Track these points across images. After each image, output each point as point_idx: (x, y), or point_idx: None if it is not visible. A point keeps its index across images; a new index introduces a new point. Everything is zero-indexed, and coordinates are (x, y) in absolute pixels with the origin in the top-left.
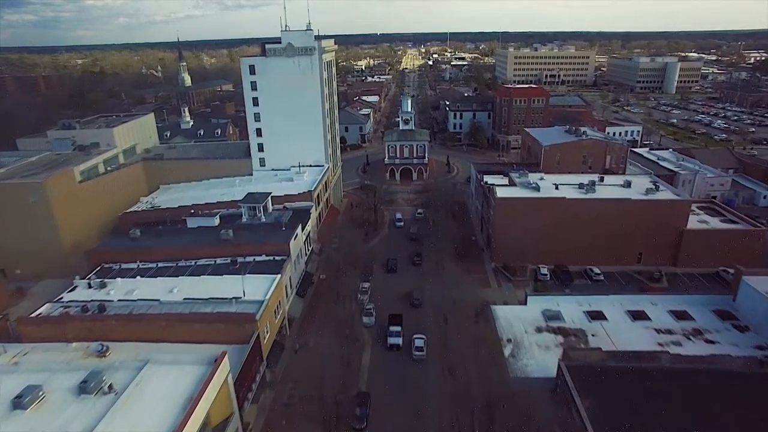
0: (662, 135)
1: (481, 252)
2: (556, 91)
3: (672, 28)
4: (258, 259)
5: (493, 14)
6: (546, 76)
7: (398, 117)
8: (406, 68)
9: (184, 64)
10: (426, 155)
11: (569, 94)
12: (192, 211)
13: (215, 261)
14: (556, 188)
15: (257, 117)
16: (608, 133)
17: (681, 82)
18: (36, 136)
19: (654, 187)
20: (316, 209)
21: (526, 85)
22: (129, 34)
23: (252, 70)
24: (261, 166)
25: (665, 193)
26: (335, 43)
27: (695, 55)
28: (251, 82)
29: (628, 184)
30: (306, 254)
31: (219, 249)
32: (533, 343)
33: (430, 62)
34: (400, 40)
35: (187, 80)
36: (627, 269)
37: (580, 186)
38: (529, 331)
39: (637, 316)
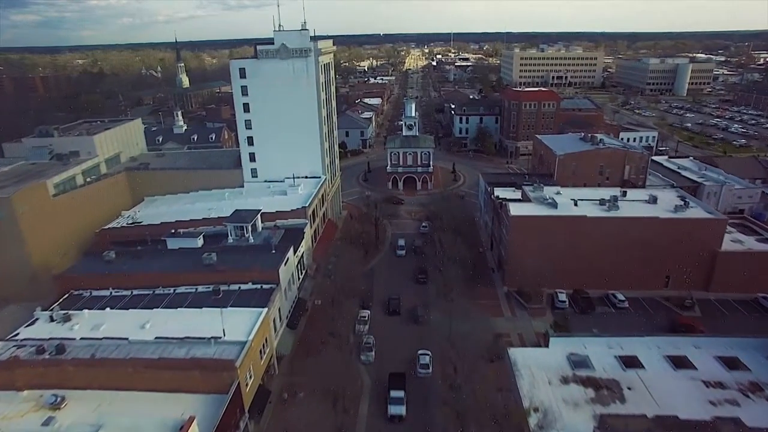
0: (679, 141)
1: (491, 273)
2: (564, 93)
3: (675, 28)
4: (244, 287)
5: (497, 14)
6: (553, 77)
7: (401, 120)
8: (410, 69)
9: (182, 64)
10: (431, 163)
11: (578, 97)
12: (173, 230)
13: (196, 289)
14: (575, 204)
15: (248, 124)
16: (622, 138)
17: (692, 83)
18: (21, 141)
19: (683, 203)
20: (311, 227)
21: (536, 88)
22: (132, 35)
23: (242, 73)
24: (253, 177)
25: (696, 211)
26: (335, 44)
27: (704, 56)
28: (242, 86)
29: (653, 200)
30: (299, 278)
31: (201, 275)
32: (560, 399)
33: (434, 63)
34: (403, 41)
35: (185, 81)
36: (653, 294)
37: (602, 202)
38: (554, 381)
39: (679, 363)
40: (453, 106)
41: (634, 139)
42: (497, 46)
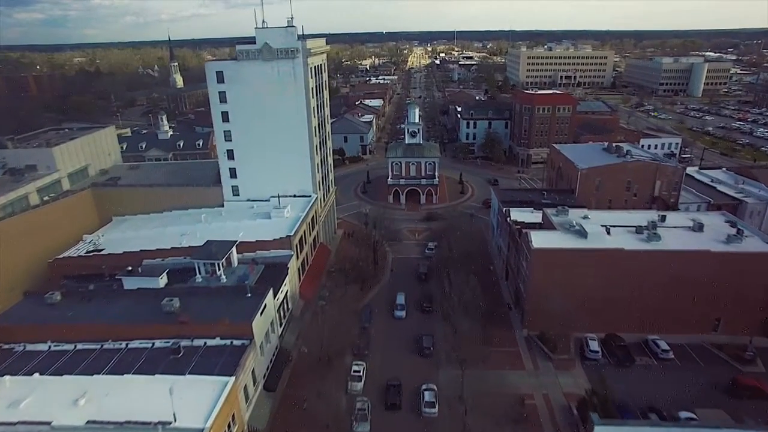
0: (705, 148)
1: (507, 311)
2: (574, 94)
3: (680, 27)
4: (210, 342)
5: (500, 12)
6: (561, 77)
7: (403, 124)
8: (413, 68)
9: (176, 64)
10: (436, 174)
11: (589, 98)
12: (130, 268)
13: (153, 344)
14: (607, 233)
15: (228, 135)
16: (642, 146)
17: (708, 84)
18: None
19: (735, 231)
20: (297, 257)
21: (550, 91)
22: (135, 33)
23: (220, 77)
24: (234, 195)
25: (754, 242)
26: (337, 42)
27: (714, 54)
28: (219, 92)
29: (699, 227)
30: (281, 324)
31: (159, 327)
32: None
33: (437, 61)
34: (406, 39)
35: (179, 81)
36: (700, 340)
37: (638, 230)
38: None
39: None
40: (459, 109)
41: (656, 146)
42: (501, 45)
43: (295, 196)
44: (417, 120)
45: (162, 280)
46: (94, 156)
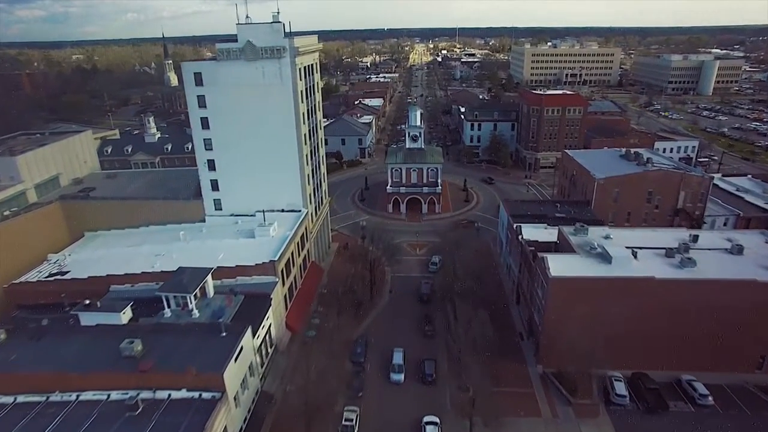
0: (723, 152)
1: (519, 341)
2: (580, 93)
3: (683, 23)
4: (176, 395)
5: (502, 9)
6: (566, 75)
7: (404, 125)
8: (414, 65)
9: (170, 62)
10: (439, 181)
11: (596, 96)
12: (87, 301)
13: (108, 396)
14: (634, 256)
15: (208, 144)
16: (656, 149)
17: (719, 82)
18: None
19: None
20: (283, 284)
21: (560, 91)
22: (137, 30)
23: (198, 79)
24: (216, 209)
25: None
26: (332, 39)
27: (721, 51)
28: (198, 96)
29: (737, 249)
30: (263, 363)
31: (116, 376)
32: None
33: (439, 59)
34: (407, 36)
35: (174, 80)
36: (743, 380)
37: (668, 253)
38: None
39: None
40: (463, 110)
41: (671, 150)
42: (504, 41)
43: (283, 210)
44: (418, 123)
45: (125, 316)
46: (66, 164)
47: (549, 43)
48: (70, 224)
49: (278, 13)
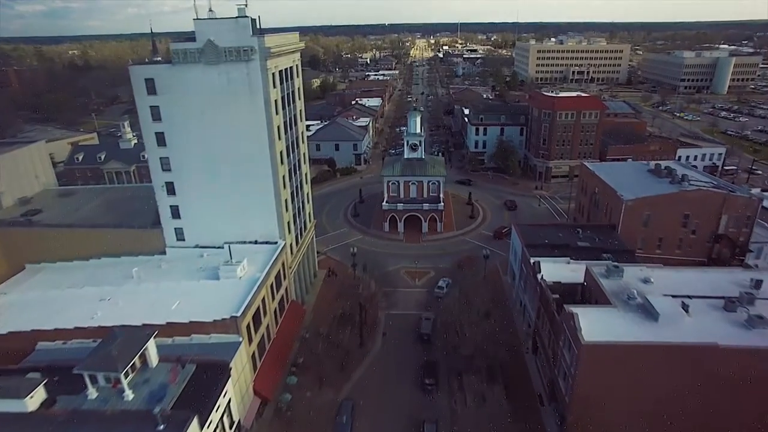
0: (754, 160)
1: (537, 404)
2: (588, 91)
3: (687, 18)
4: None
5: (504, 4)
6: (573, 72)
7: (404, 126)
8: (415, 61)
9: (159, 58)
10: (441, 196)
11: (606, 96)
12: None
13: None
14: (686, 310)
15: (165, 164)
16: (679, 157)
17: (734, 80)
18: None
19: None
20: (249, 344)
21: (574, 94)
22: (137, 25)
23: (150, 86)
24: (179, 240)
25: None
26: (333, 34)
27: (727, 47)
28: (151, 107)
29: None
30: None
31: None
32: None
33: (440, 55)
34: (408, 31)
35: None
36: None
37: (728, 305)
38: None
39: None
40: (466, 112)
41: (694, 158)
42: (506, 37)
43: (256, 242)
44: (419, 130)
45: (32, 401)
46: (12, 180)
47: (553, 39)
48: (9, 254)
49: (245, 5)
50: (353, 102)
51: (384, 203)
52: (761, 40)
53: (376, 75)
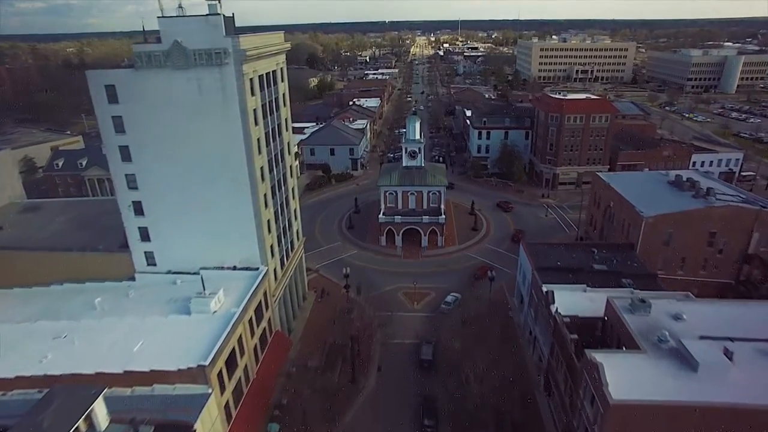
0: None
1: None
2: (592, 90)
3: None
4: None
5: (505, 2)
6: (577, 71)
7: (403, 128)
8: (415, 59)
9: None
10: (442, 207)
11: (613, 96)
12: None
13: None
14: (729, 358)
15: (132, 181)
16: (694, 163)
17: (743, 79)
18: None
19: None
20: (222, 393)
21: (583, 96)
22: (137, 22)
23: (111, 94)
24: (150, 264)
25: None
26: (332, 32)
27: (731, 44)
28: (113, 117)
29: None
30: None
31: None
32: None
33: (441, 52)
34: (409, 28)
35: None
36: None
37: None
38: None
39: None
40: (468, 114)
41: (710, 163)
42: (507, 34)
43: (235, 268)
44: (418, 136)
45: None
46: None
47: (555, 37)
48: None
49: (218, 1)
50: (351, 103)
51: (380, 215)
52: (765, 38)
53: (375, 74)
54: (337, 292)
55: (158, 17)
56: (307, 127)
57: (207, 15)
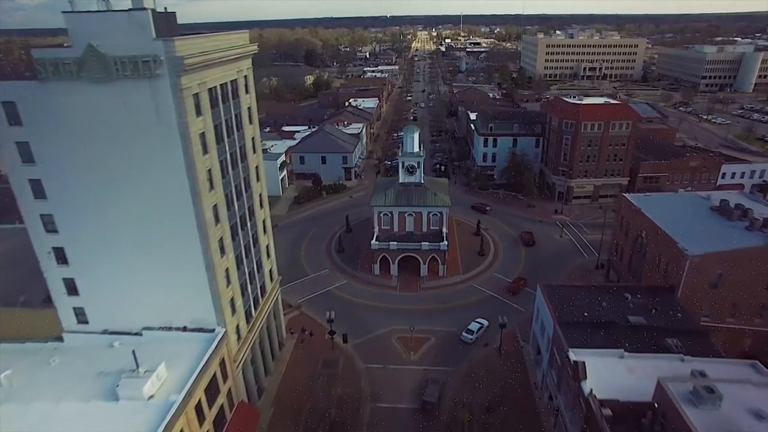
0: None
1: None
2: (601, 89)
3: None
4: None
5: None
6: (585, 69)
7: (402, 132)
8: (416, 55)
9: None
10: (444, 231)
11: (625, 96)
12: None
13: None
14: None
15: (49, 224)
16: (723, 174)
17: (761, 77)
18: None
19: None
20: None
21: (602, 100)
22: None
23: (12, 114)
24: (81, 322)
25: None
26: (333, 27)
27: (739, 39)
28: (17, 143)
29: None
30: None
31: None
32: None
33: (443, 48)
34: (410, 23)
35: None
36: None
37: None
38: None
39: None
40: (473, 117)
41: (741, 175)
42: (511, 30)
43: (186, 329)
44: (417, 149)
45: None
46: None
47: (559, 32)
48: None
49: None
50: (347, 103)
51: (373, 241)
52: None
53: (373, 72)
54: (321, 334)
55: (64, 12)
56: (299, 131)
57: (130, 10)
